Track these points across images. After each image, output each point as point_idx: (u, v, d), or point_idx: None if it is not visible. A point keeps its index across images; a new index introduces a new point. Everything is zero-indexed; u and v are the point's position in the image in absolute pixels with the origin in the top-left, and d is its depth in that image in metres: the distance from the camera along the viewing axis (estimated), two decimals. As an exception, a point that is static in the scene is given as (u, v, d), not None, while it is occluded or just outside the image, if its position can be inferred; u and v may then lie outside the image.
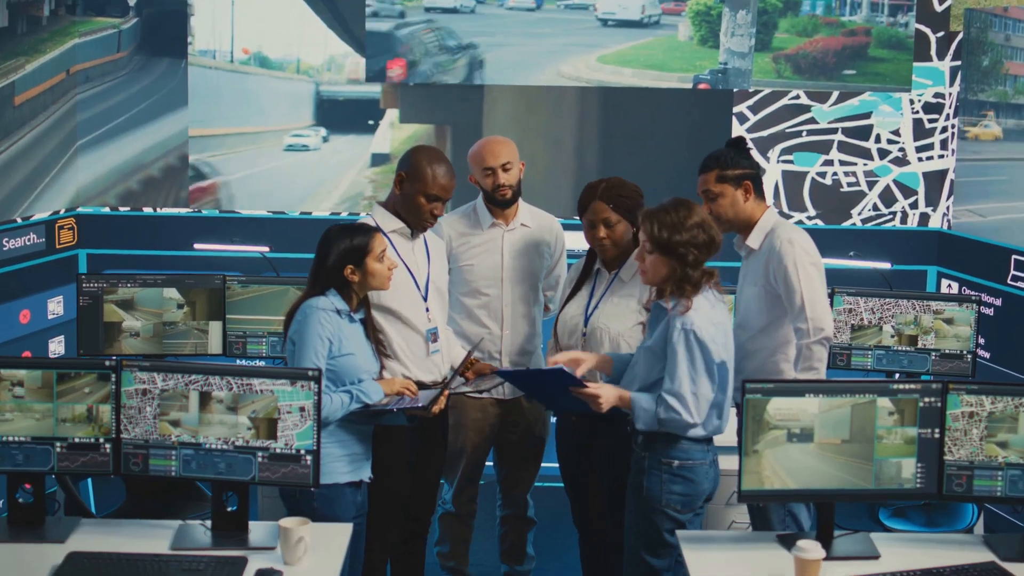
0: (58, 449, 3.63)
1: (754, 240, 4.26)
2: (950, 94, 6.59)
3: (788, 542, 3.59)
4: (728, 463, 4.05)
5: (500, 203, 4.69)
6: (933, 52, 6.59)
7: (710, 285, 3.89)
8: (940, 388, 3.64)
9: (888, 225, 6.73)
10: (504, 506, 5.01)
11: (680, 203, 3.92)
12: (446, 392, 4.13)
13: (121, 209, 6.78)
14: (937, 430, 3.64)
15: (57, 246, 6.50)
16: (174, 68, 6.72)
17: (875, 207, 6.73)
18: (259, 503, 4.63)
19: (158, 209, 6.79)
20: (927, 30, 6.58)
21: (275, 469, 3.60)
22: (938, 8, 6.54)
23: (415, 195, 4.30)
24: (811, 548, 3.38)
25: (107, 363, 3.62)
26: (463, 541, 4.94)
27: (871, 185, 6.73)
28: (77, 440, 3.63)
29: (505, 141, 4.74)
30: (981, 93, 6.40)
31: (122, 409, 3.61)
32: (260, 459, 3.60)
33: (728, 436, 4.08)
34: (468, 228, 4.74)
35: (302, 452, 3.59)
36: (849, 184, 6.73)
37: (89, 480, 4.90)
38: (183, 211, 6.77)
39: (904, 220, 6.74)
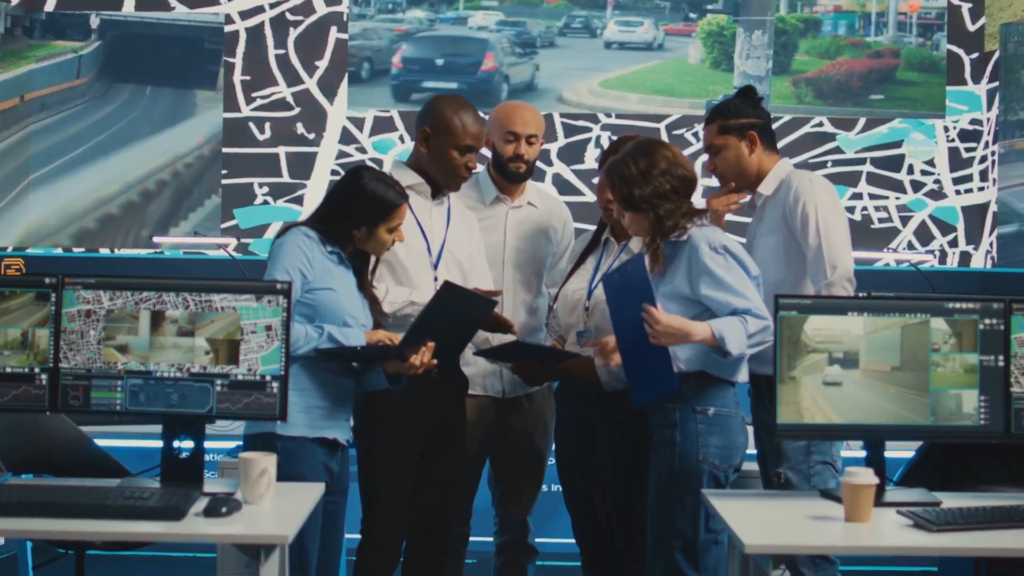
0: (-15, 382, 3.39)
1: (767, 186, 4.11)
2: (988, 119, 6.52)
3: (831, 495, 3.36)
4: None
5: (511, 176, 4.53)
6: (968, 75, 6.54)
7: (702, 221, 3.74)
8: (1002, 308, 3.43)
9: (925, 266, 6.56)
10: (501, 531, 4.70)
11: (640, 149, 3.77)
12: (429, 344, 3.82)
13: (75, 250, 6.62)
14: (1001, 357, 3.42)
15: (2, 287, 6.32)
16: (138, 95, 6.66)
17: (910, 245, 6.58)
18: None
19: (116, 250, 6.63)
20: (960, 51, 6.56)
21: (236, 399, 3.35)
22: (971, 28, 6.53)
23: (446, 149, 4.11)
24: (863, 474, 3.14)
25: (47, 280, 3.41)
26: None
27: (905, 221, 6.61)
28: (9, 370, 3.39)
29: (536, 111, 4.62)
30: (1023, 111, 6.33)
31: (62, 334, 3.38)
32: (219, 388, 3.35)
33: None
34: (469, 200, 4.56)
35: (267, 378, 3.35)
36: (880, 220, 6.60)
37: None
38: (144, 252, 6.61)
39: (943, 260, 6.59)
